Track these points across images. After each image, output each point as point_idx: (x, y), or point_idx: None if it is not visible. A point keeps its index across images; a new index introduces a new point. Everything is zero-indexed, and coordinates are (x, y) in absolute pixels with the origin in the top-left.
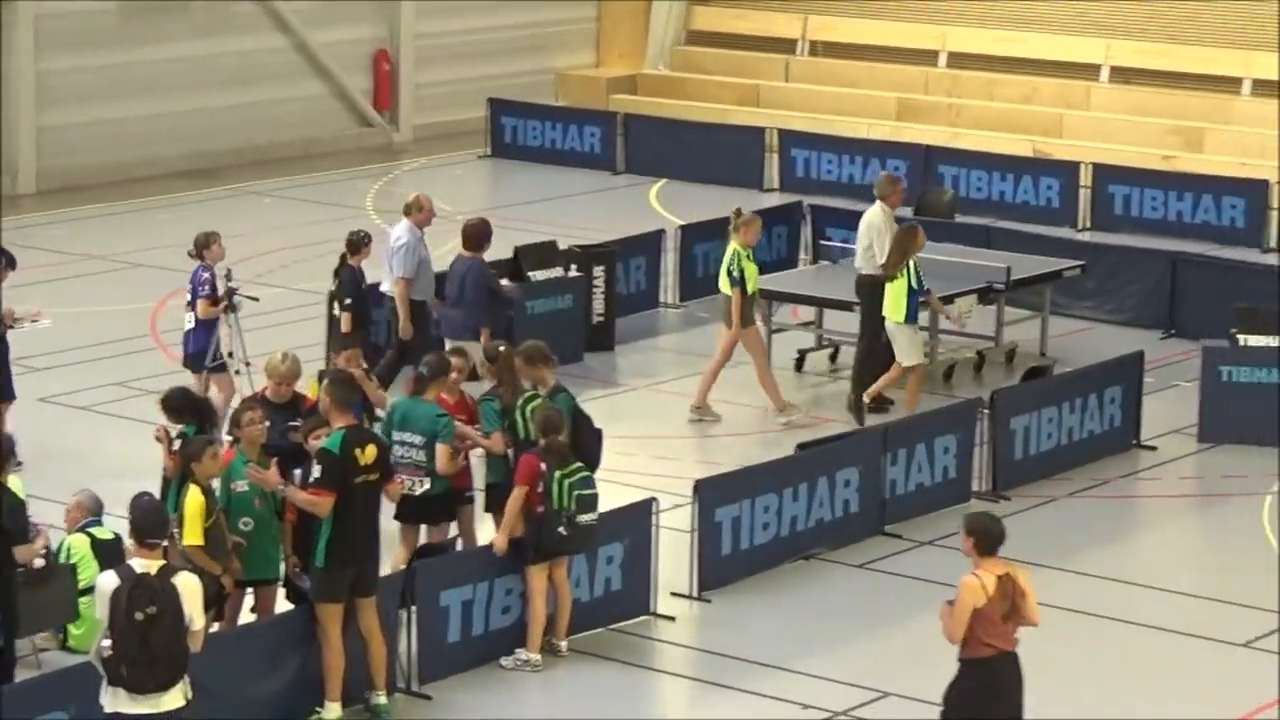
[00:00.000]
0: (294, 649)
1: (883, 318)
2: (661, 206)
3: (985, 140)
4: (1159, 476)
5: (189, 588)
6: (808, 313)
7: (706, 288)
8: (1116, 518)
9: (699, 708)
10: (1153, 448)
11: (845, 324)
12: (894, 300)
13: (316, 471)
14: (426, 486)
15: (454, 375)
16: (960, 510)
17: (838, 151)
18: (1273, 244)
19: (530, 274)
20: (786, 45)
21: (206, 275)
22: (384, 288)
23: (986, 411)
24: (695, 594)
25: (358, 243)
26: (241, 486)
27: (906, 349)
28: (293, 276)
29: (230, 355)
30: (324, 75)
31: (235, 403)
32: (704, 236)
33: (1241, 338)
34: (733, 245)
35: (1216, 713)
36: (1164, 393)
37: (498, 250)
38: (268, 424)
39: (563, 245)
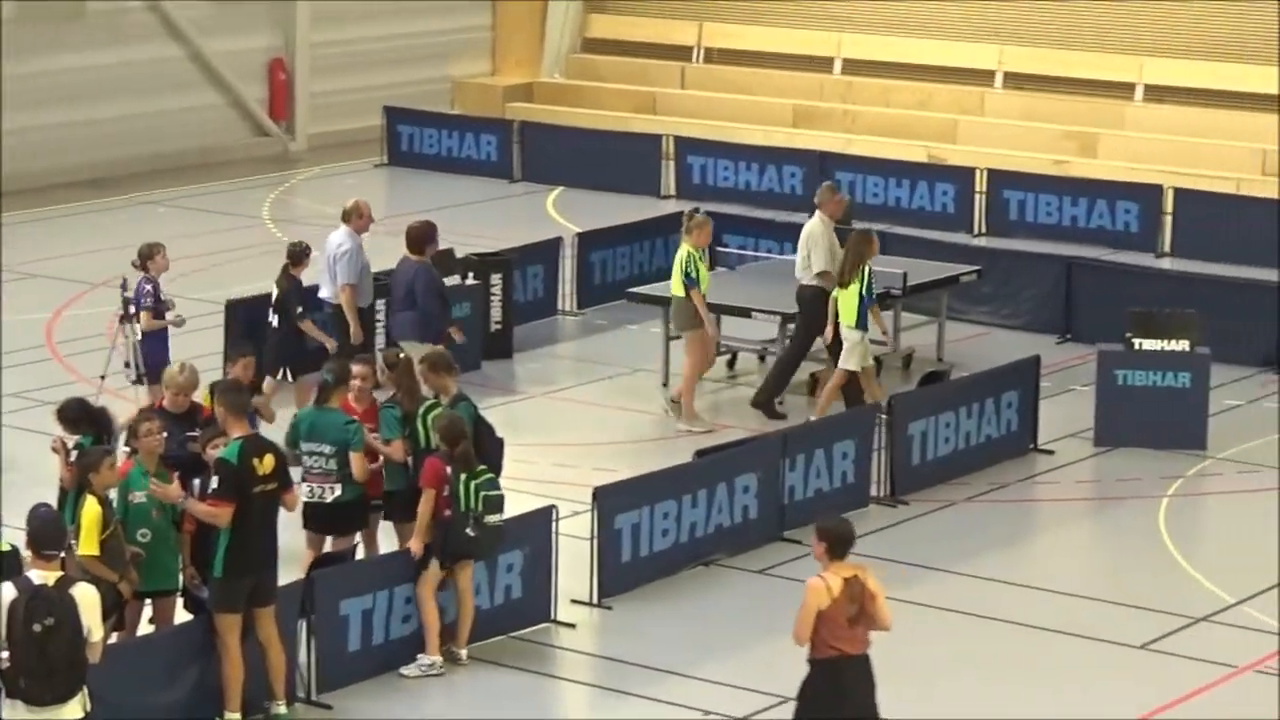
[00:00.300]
0: (192, 659)
1: (822, 329)
2: (559, 214)
3: (880, 146)
4: (1056, 480)
5: (87, 599)
6: None
7: (604, 295)
8: (1014, 522)
9: (600, 713)
10: (1050, 451)
11: (743, 330)
12: (846, 306)
13: (214, 482)
14: (338, 493)
15: (360, 383)
16: (859, 515)
17: (734, 158)
18: (1166, 248)
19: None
20: (682, 52)
21: (149, 288)
22: (323, 294)
23: (884, 417)
24: (595, 601)
25: (299, 254)
26: (139, 498)
27: (851, 354)
28: (190, 286)
29: (127, 365)
30: (219, 84)
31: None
32: (601, 244)
33: (1136, 341)
34: (685, 248)
35: (1115, 715)
36: (1060, 397)
37: (395, 259)
38: (165, 435)
39: (460, 253)
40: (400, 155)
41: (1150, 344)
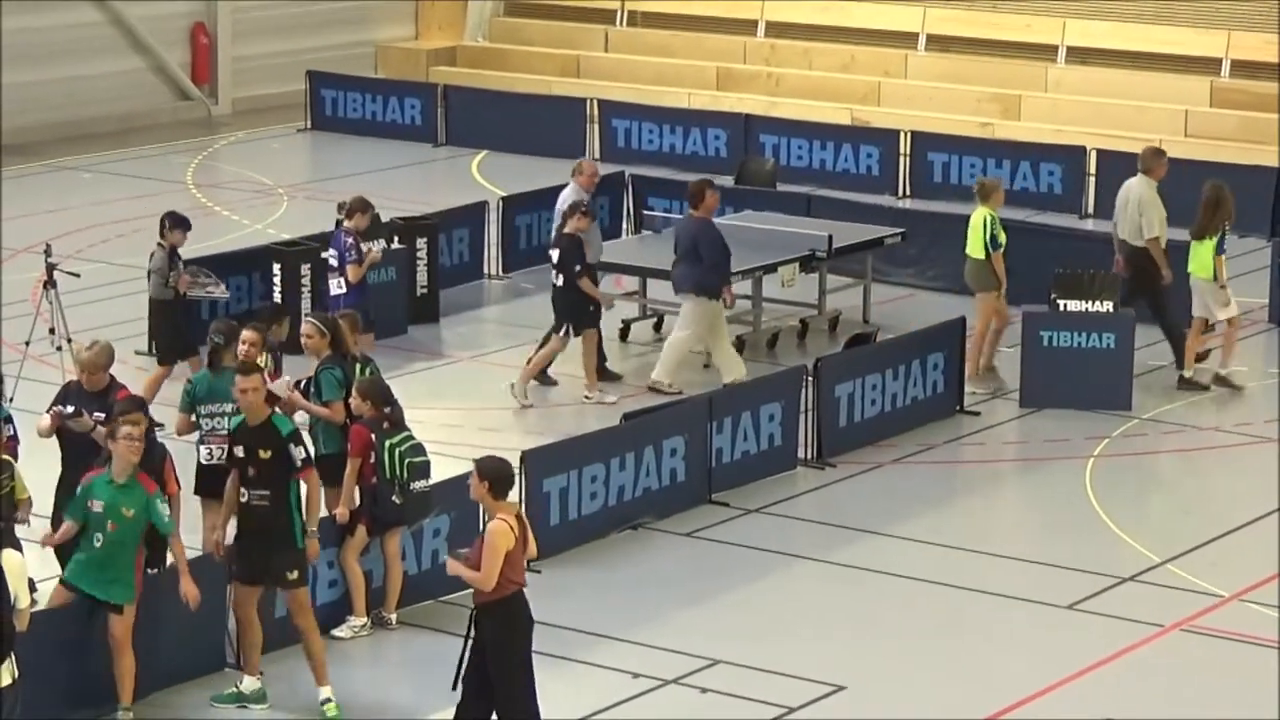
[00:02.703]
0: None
1: (1156, 288)
2: (483, 178)
3: (805, 109)
4: (983, 441)
5: (13, 566)
6: (631, 283)
7: (530, 259)
8: (941, 483)
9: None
10: (976, 413)
11: (669, 293)
12: (1201, 259)
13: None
14: None
15: (246, 348)
16: (787, 477)
17: (658, 121)
18: (1090, 209)
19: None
20: (606, 16)
21: (350, 240)
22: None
23: (811, 379)
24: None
25: (575, 210)
26: (97, 506)
27: (1221, 303)
28: (113, 251)
29: (52, 332)
30: (141, 49)
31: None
32: (526, 207)
33: (1061, 303)
34: (984, 211)
35: (1043, 674)
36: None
37: (320, 223)
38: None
39: (385, 218)
40: (324, 120)
41: (1075, 305)
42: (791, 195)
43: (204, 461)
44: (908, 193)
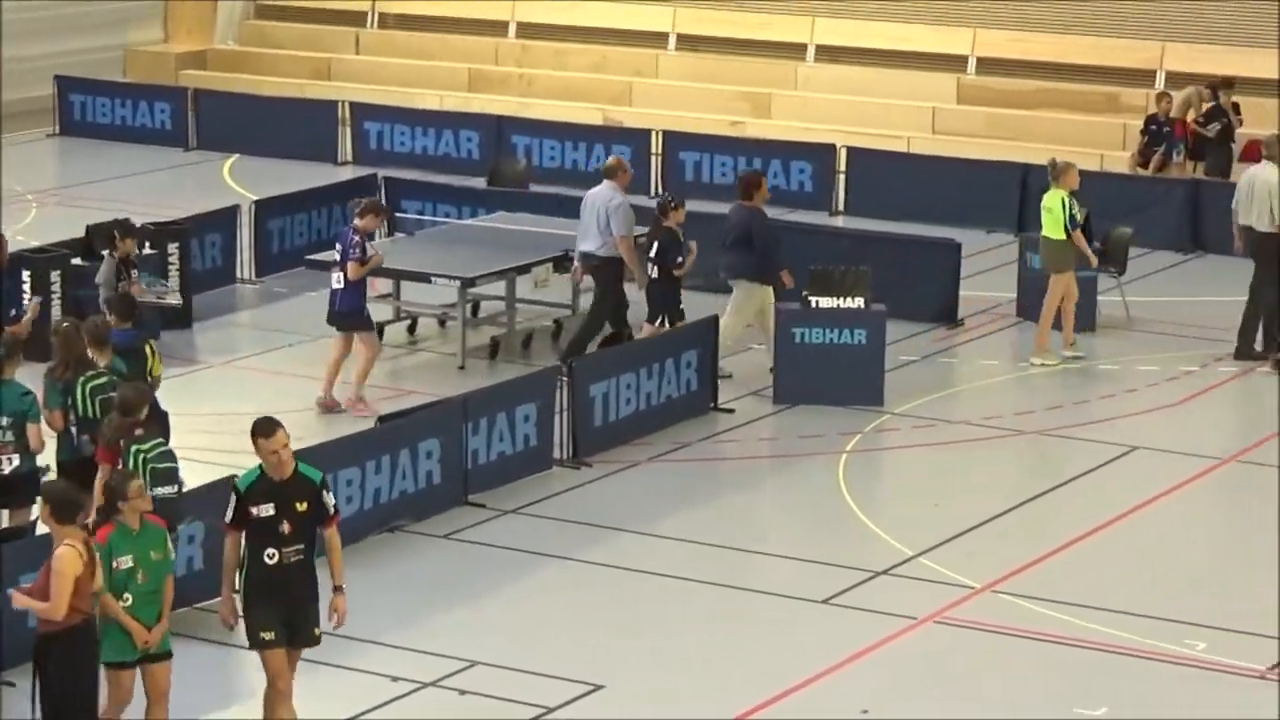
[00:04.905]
0: None
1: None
2: (235, 182)
3: (557, 109)
4: (737, 439)
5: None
6: (385, 285)
7: (283, 263)
8: (697, 481)
9: (322, 685)
10: (731, 410)
11: (423, 295)
12: None
13: None
14: (15, 464)
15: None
16: (543, 478)
17: (410, 124)
18: (840, 206)
19: (104, 252)
20: (357, 18)
21: (356, 238)
22: (585, 247)
23: (565, 379)
24: None
25: (666, 205)
26: (127, 562)
27: None
28: None
29: None
30: None
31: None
32: (279, 211)
33: (813, 300)
34: (1059, 193)
35: (800, 668)
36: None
37: (70, 229)
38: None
39: (136, 223)
40: (72, 125)
41: (826, 302)
42: (544, 196)
43: None
44: (660, 192)
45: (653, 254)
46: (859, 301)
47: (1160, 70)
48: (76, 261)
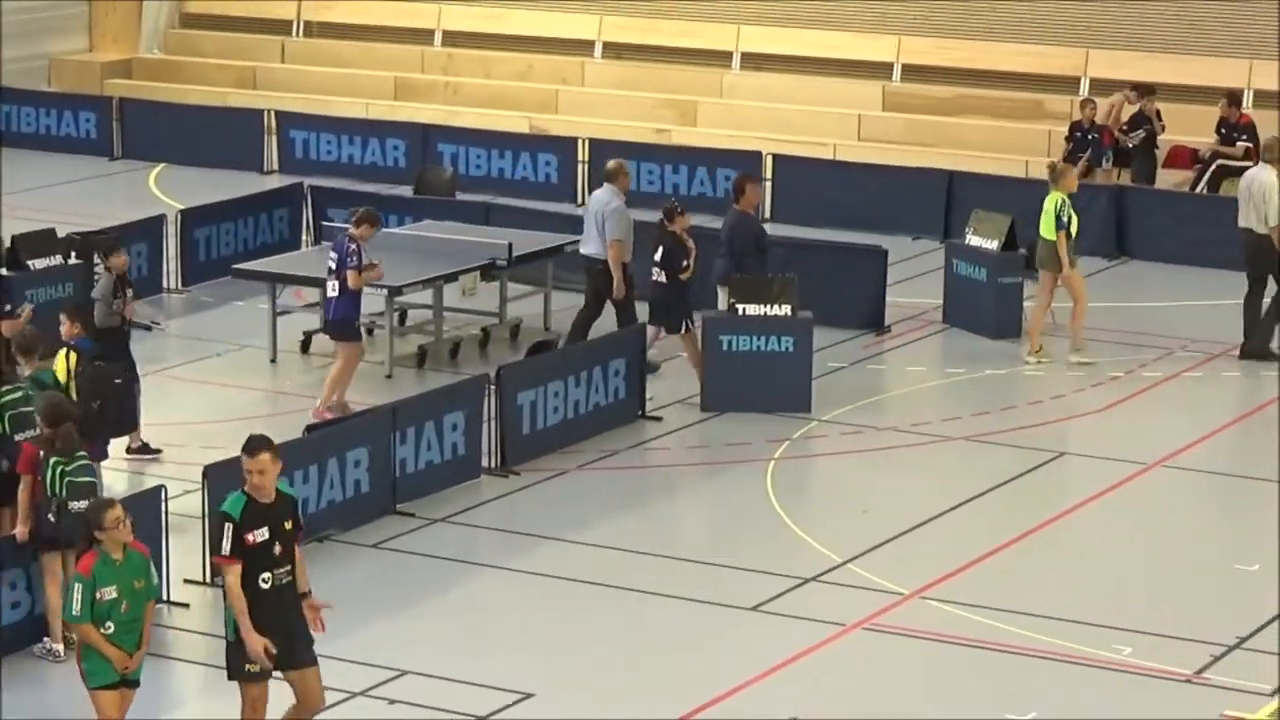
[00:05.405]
0: None
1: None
2: (161, 191)
3: (483, 118)
4: (666, 446)
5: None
6: (312, 294)
7: (209, 272)
8: (625, 488)
9: (215, 696)
10: (658, 418)
11: None
12: None
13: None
14: None
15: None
16: (471, 486)
17: (336, 132)
18: (767, 214)
19: (29, 263)
20: (282, 26)
21: (353, 246)
22: (586, 250)
23: (493, 388)
24: (208, 580)
25: (672, 211)
26: (111, 593)
27: None
28: None
29: None
30: None
31: None
32: (205, 220)
33: (740, 307)
34: (1058, 194)
35: (729, 675)
36: (667, 363)
37: None
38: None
39: (61, 233)
40: None
41: (753, 309)
42: (471, 204)
43: None
44: (586, 200)
45: (658, 258)
46: (786, 309)
47: (1085, 77)
48: (2, 272)
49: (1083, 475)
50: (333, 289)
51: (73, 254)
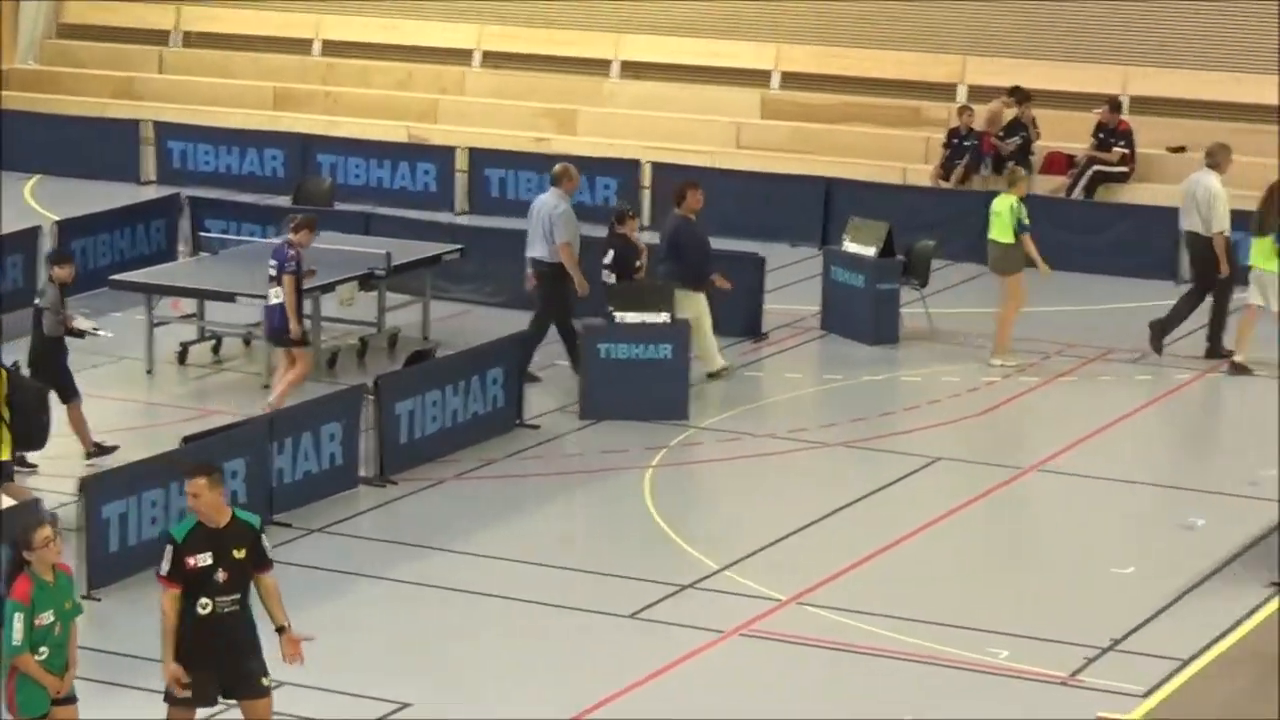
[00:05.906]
0: None
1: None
2: (37, 202)
3: (363, 127)
4: (543, 455)
5: None
6: (189, 305)
7: (87, 283)
8: (503, 497)
9: (95, 707)
10: (536, 426)
11: (228, 315)
12: (1265, 252)
13: None
14: None
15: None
16: (349, 496)
17: (214, 142)
18: (645, 222)
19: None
20: (160, 36)
21: (292, 253)
22: (533, 254)
23: (371, 397)
24: (86, 593)
25: (623, 214)
26: (48, 618)
27: (1269, 292)
28: None
29: None
30: None
31: None
32: (82, 231)
33: (618, 314)
34: (1010, 198)
35: (607, 683)
36: (544, 371)
37: None
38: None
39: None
40: None
41: (631, 316)
42: (349, 214)
43: None
44: (466, 209)
45: (608, 261)
46: (663, 316)
47: (962, 84)
48: None
49: (958, 480)
50: (275, 296)
51: None
